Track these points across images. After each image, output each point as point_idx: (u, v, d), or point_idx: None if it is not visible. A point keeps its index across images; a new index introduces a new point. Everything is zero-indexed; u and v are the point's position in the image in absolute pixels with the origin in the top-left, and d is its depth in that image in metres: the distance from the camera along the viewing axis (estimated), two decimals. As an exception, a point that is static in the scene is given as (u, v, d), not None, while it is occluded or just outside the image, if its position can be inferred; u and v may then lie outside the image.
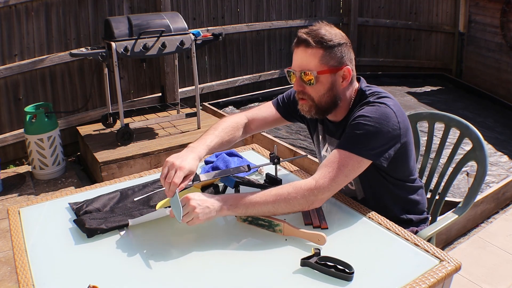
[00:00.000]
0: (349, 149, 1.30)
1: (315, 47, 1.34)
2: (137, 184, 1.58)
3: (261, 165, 1.58)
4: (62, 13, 3.76)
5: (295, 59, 1.39)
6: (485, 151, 1.64)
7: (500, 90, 5.10)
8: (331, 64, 1.35)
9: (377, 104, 1.36)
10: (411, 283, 1.07)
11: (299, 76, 1.38)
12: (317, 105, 1.40)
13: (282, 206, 1.25)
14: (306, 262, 1.13)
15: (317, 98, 1.39)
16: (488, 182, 3.18)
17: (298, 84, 1.39)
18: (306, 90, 1.39)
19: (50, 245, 1.26)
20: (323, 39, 1.34)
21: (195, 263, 1.18)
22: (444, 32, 5.67)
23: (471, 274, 2.36)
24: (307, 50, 1.35)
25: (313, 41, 1.34)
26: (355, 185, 1.52)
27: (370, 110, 1.35)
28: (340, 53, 1.36)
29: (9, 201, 3.15)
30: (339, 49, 1.36)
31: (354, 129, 1.33)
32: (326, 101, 1.39)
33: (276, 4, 5.19)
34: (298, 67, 1.37)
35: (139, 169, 3.33)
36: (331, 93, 1.38)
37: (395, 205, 1.53)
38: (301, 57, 1.37)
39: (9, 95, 3.63)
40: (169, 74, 4.33)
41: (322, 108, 1.41)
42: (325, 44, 1.34)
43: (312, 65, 1.35)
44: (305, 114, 1.44)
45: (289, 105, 1.64)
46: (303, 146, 3.82)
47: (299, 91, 1.40)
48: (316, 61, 1.34)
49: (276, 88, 5.19)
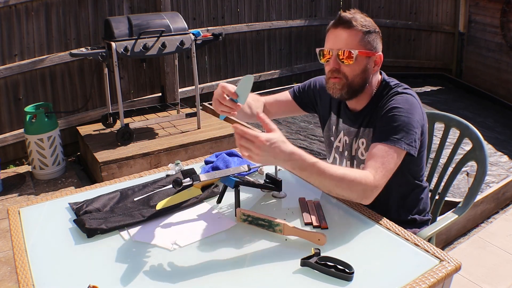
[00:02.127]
0: (392, 142, 1.33)
1: (355, 28, 1.39)
2: (137, 184, 1.58)
3: (261, 165, 1.58)
4: (62, 13, 3.76)
5: (333, 38, 1.42)
6: (485, 151, 1.64)
7: (500, 90, 5.10)
8: (368, 48, 1.41)
9: (405, 94, 1.42)
10: (411, 283, 1.07)
11: (336, 55, 1.40)
12: (350, 84, 1.43)
13: (342, 188, 1.24)
14: (306, 262, 1.13)
15: (351, 77, 1.42)
16: (488, 182, 3.18)
17: (334, 62, 1.41)
18: (341, 68, 1.42)
19: (50, 245, 1.26)
20: (363, 23, 1.40)
21: (195, 263, 1.18)
22: (444, 32, 5.67)
23: (471, 274, 2.36)
24: (348, 30, 1.39)
25: (355, 23, 1.39)
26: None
27: (401, 101, 1.39)
28: (374, 39, 1.43)
29: (9, 201, 3.15)
30: (374, 35, 1.42)
31: (391, 121, 1.36)
32: (358, 82, 1.43)
33: (276, 4, 5.19)
34: (338, 45, 1.40)
35: (139, 169, 3.33)
36: (363, 75, 1.43)
37: (402, 202, 1.55)
38: (341, 36, 1.40)
39: (9, 95, 3.63)
40: (169, 74, 4.33)
41: (353, 88, 1.43)
42: (364, 28, 1.40)
43: (353, 45, 1.39)
44: (334, 93, 1.45)
45: (305, 95, 1.68)
46: (303, 146, 3.82)
47: (334, 69, 1.42)
48: (356, 41, 1.39)
49: (276, 88, 5.18)
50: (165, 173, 1.69)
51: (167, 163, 3.29)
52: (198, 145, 3.62)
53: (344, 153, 1.58)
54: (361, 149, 1.51)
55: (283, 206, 1.47)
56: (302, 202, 1.47)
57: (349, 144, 1.55)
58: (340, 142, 1.59)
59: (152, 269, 1.15)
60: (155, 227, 1.34)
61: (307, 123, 4.40)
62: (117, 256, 1.21)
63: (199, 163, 1.81)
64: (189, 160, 1.85)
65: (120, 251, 1.23)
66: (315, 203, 1.45)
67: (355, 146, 1.53)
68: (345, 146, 1.57)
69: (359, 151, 1.52)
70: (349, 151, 1.56)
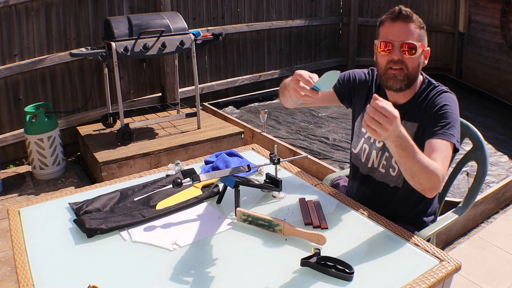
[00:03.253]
0: (448, 137, 1.39)
1: (414, 23, 1.45)
2: (137, 184, 1.58)
3: (261, 165, 1.58)
4: (62, 13, 3.76)
5: (395, 31, 1.45)
6: (485, 151, 1.64)
7: (500, 90, 5.10)
8: (423, 42, 1.48)
9: (450, 93, 1.50)
10: (411, 283, 1.08)
11: (399, 46, 1.44)
12: (409, 75, 1.47)
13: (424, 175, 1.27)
14: (306, 262, 1.13)
15: (411, 69, 1.47)
16: (488, 182, 3.18)
17: (397, 53, 1.45)
18: (404, 59, 1.45)
19: (50, 245, 1.26)
20: (419, 20, 1.47)
21: (195, 263, 1.18)
22: (444, 32, 5.67)
23: (471, 274, 2.36)
24: (410, 24, 1.44)
25: (414, 19, 1.45)
26: (398, 173, 1.53)
27: (450, 100, 1.47)
28: (425, 35, 1.49)
29: (9, 201, 3.15)
30: (425, 31, 1.49)
31: (446, 117, 1.42)
32: (415, 74, 1.50)
33: (276, 4, 5.19)
34: (402, 38, 1.44)
35: (139, 169, 3.33)
36: (418, 68, 1.50)
37: (421, 201, 1.58)
38: (403, 29, 1.45)
39: (9, 95, 3.63)
40: (169, 74, 4.33)
41: (411, 79, 1.49)
42: (421, 24, 1.47)
43: (416, 38, 1.45)
44: (395, 84, 1.48)
45: (344, 87, 1.69)
46: (303, 146, 3.82)
47: (398, 60, 1.46)
48: (417, 35, 1.45)
49: (276, 88, 5.15)
50: (165, 173, 1.69)
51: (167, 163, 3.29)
52: (198, 145, 3.62)
53: (374, 143, 1.59)
54: None
55: (283, 206, 1.47)
56: (302, 202, 1.47)
57: None
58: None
59: (152, 269, 1.15)
60: (155, 227, 1.34)
61: (307, 123, 4.40)
62: (117, 256, 1.21)
63: (199, 163, 1.81)
64: (189, 160, 1.85)
65: (120, 251, 1.23)
66: (315, 203, 1.45)
67: None
68: None
69: None
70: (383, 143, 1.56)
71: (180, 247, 1.24)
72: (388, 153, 1.54)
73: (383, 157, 1.56)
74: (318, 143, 3.90)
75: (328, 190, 1.57)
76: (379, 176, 1.59)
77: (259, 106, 4.96)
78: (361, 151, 1.64)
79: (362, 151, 1.63)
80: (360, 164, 1.65)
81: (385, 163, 1.56)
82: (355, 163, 1.68)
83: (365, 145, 1.62)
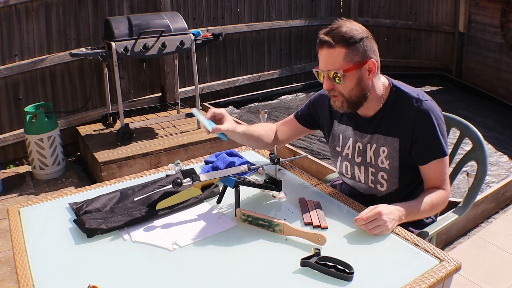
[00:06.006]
0: (442, 153, 1.44)
1: (337, 46, 1.35)
2: (137, 184, 1.58)
3: (261, 165, 1.58)
4: (62, 13, 3.76)
5: (321, 59, 1.41)
6: (485, 151, 1.64)
7: (500, 90, 5.10)
8: (355, 60, 1.37)
9: (428, 101, 1.46)
10: (411, 283, 1.07)
11: (327, 76, 1.40)
12: (348, 100, 1.43)
13: (434, 212, 1.47)
14: (306, 262, 1.13)
15: (347, 94, 1.41)
16: (488, 182, 3.18)
17: (327, 83, 1.42)
18: (335, 87, 1.41)
19: (50, 245, 1.26)
20: (344, 37, 1.35)
21: (195, 263, 1.18)
22: (444, 32, 5.67)
23: (471, 274, 2.36)
24: (330, 50, 1.36)
25: (335, 41, 1.35)
26: (390, 180, 1.51)
27: (431, 110, 1.43)
28: (362, 47, 1.37)
29: (9, 201, 3.15)
30: (361, 44, 1.36)
31: (435, 137, 1.43)
32: (356, 95, 1.42)
33: (276, 4, 5.19)
34: (325, 67, 1.40)
35: (139, 169, 3.33)
36: (359, 87, 1.41)
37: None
38: (326, 57, 1.39)
39: (9, 95, 3.63)
40: (169, 74, 4.33)
41: (353, 102, 1.44)
42: (347, 42, 1.35)
43: (338, 65, 1.37)
44: (338, 110, 1.47)
45: (306, 114, 1.71)
46: (303, 146, 3.82)
47: (330, 89, 1.43)
48: (340, 60, 1.36)
49: (276, 88, 5.19)
50: (165, 173, 1.69)
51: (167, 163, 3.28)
52: (198, 145, 3.62)
53: (354, 159, 1.56)
54: (381, 157, 1.49)
55: (283, 206, 1.47)
56: (302, 202, 1.47)
57: (362, 150, 1.53)
58: (349, 150, 1.57)
59: (152, 269, 1.15)
60: (155, 227, 1.34)
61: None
62: (117, 256, 1.21)
63: (199, 163, 1.81)
64: (189, 160, 1.85)
65: (120, 251, 1.23)
66: (315, 203, 1.45)
67: (370, 152, 1.51)
68: (359, 152, 1.54)
69: (379, 159, 1.50)
70: (363, 157, 1.54)
71: (180, 247, 1.24)
72: (374, 169, 1.52)
73: (368, 173, 1.54)
74: (318, 143, 3.90)
75: (328, 190, 1.57)
76: (367, 190, 1.57)
77: (259, 106, 4.96)
78: (343, 169, 1.63)
79: (344, 169, 1.62)
80: (348, 181, 1.64)
81: (373, 179, 1.54)
82: (343, 180, 1.69)
83: (345, 163, 1.60)
